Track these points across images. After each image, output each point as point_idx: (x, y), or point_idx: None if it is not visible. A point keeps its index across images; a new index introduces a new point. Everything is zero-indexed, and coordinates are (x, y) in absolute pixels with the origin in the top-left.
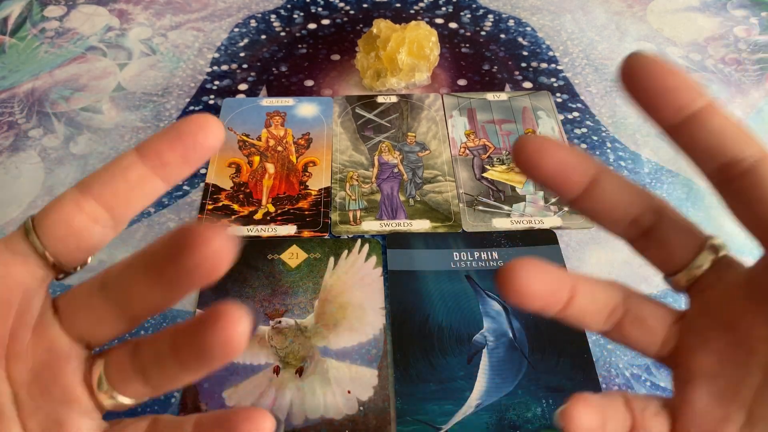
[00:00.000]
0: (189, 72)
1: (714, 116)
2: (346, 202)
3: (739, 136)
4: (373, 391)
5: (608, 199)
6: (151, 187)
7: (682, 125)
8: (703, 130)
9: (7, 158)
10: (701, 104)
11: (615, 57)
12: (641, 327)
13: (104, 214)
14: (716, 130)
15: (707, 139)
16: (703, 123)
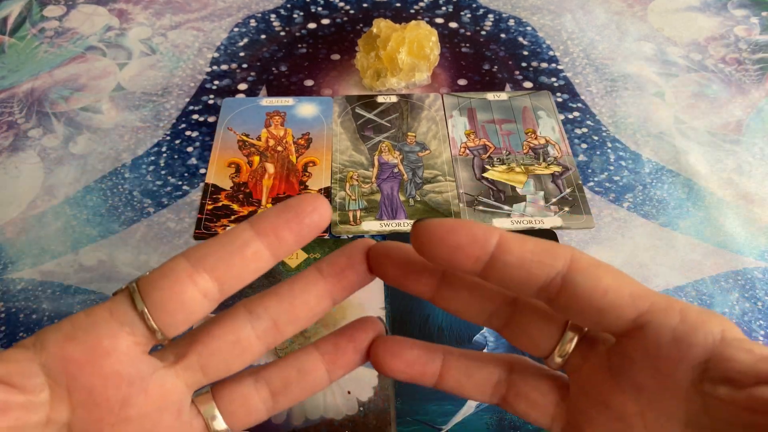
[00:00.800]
0: (189, 72)
1: (509, 251)
2: (346, 202)
3: (540, 258)
4: (373, 391)
5: (461, 298)
6: (263, 263)
7: (486, 271)
8: (506, 267)
9: (7, 158)
10: (491, 247)
11: (615, 57)
12: (528, 402)
13: (214, 289)
14: (517, 263)
15: (514, 274)
16: (503, 261)
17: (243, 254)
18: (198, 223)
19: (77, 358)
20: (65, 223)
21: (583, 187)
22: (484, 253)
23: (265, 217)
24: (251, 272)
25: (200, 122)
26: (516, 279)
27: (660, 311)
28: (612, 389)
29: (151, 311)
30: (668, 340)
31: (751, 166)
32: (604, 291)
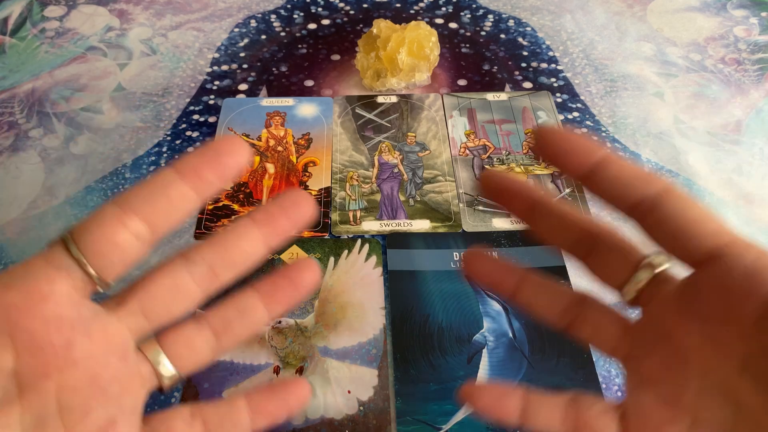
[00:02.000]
0: (189, 72)
1: (610, 165)
2: (346, 202)
3: (637, 178)
4: (373, 391)
5: (555, 214)
6: (189, 203)
7: (587, 177)
8: (605, 178)
9: (8, 158)
10: (596, 158)
11: (615, 57)
12: (594, 327)
13: (145, 230)
14: (615, 177)
15: (611, 186)
16: (604, 173)
17: (168, 194)
18: (198, 222)
19: (16, 303)
20: (66, 223)
21: (582, 187)
22: (591, 160)
23: (185, 159)
24: (179, 212)
25: (201, 122)
26: (614, 191)
27: (738, 247)
28: (677, 321)
29: (86, 256)
30: (741, 273)
31: (751, 166)
32: (692, 219)
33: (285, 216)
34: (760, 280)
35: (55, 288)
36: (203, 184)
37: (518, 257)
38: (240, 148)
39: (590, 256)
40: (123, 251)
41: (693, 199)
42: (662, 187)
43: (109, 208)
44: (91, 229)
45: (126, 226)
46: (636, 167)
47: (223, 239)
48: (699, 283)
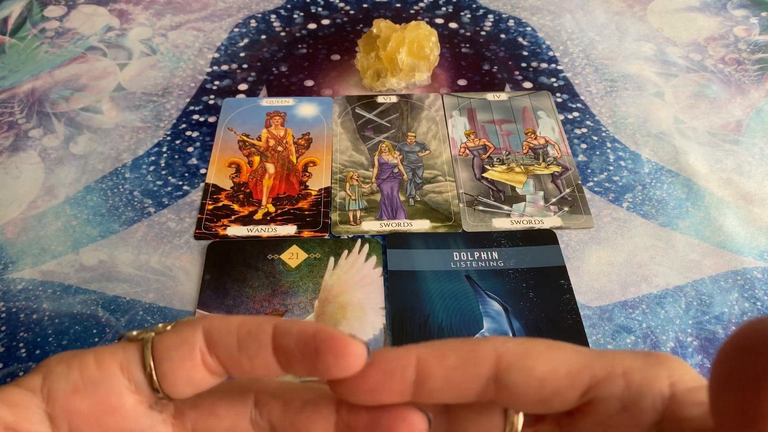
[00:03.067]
0: (189, 72)
1: (431, 374)
2: (346, 202)
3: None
4: None
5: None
6: (272, 372)
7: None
8: (435, 391)
9: (7, 158)
10: (412, 375)
11: (615, 57)
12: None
13: (222, 372)
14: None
15: (445, 394)
16: (428, 387)
17: (253, 362)
18: (198, 223)
19: (83, 411)
20: (66, 223)
21: (582, 187)
22: (407, 385)
23: (289, 335)
24: (258, 374)
25: (201, 122)
26: (449, 397)
27: (602, 382)
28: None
29: (159, 378)
30: (617, 410)
31: (751, 166)
32: (541, 381)
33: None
34: (637, 411)
35: (124, 402)
36: (291, 367)
37: (518, 257)
38: (345, 358)
39: (451, 428)
40: (196, 385)
41: (530, 353)
42: (491, 363)
43: (198, 338)
44: (172, 355)
45: (206, 364)
46: (455, 354)
47: (298, 410)
48: (578, 425)
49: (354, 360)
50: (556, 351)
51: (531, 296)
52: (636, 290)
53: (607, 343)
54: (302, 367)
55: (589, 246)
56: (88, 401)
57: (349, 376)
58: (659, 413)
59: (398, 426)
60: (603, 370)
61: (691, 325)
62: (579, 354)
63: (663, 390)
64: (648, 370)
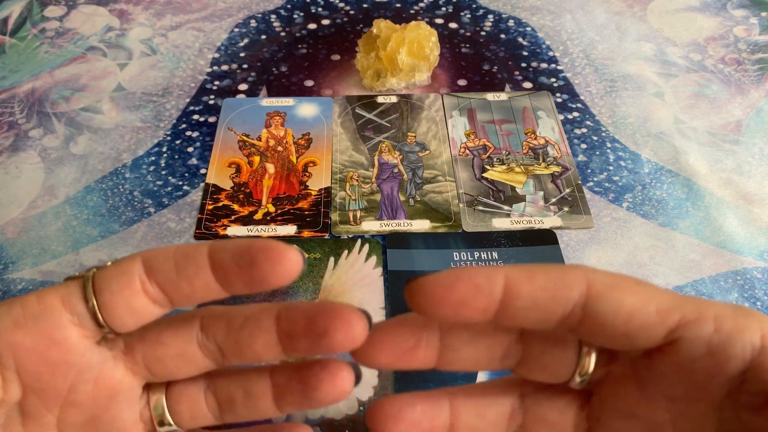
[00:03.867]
0: (189, 72)
1: (519, 295)
2: (346, 202)
3: (554, 293)
4: (373, 391)
5: (465, 354)
6: (214, 293)
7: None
8: (519, 311)
9: (7, 158)
10: (498, 294)
11: (615, 57)
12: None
13: (164, 300)
14: (530, 304)
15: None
16: (515, 307)
17: (192, 283)
18: (198, 223)
19: (26, 345)
20: (66, 223)
21: (582, 187)
22: (492, 302)
23: (224, 251)
24: (200, 299)
25: (201, 122)
26: (531, 319)
27: (692, 323)
28: (639, 400)
29: (101, 310)
30: (702, 353)
31: (751, 166)
32: (629, 314)
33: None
34: (723, 357)
35: (66, 335)
36: (230, 285)
37: (518, 257)
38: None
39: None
40: (138, 314)
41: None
42: (583, 288)
43: (137, 265)
44: (112, 284)
45: (146, 291)
46: (546, 277)
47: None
48: (658, 367)
49: (290, 266)
50: (646, 287)
51: None
52: None
53: None
54: (240, 281)
55: (589, 246)
56: (31, 335)
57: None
58: (746, 363)
59: (337, 325)
60: (693, 312)
61: None
62: (669, 294)
63: (754, 340)
64: (740, 319)
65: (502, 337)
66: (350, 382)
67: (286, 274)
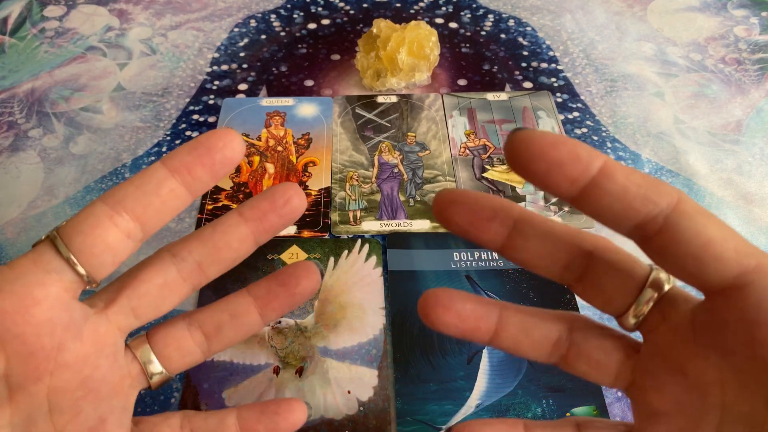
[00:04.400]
0: (189, 72)
1: (613, 178)
2: (346, 202)
3: (646, 192)
4: (373, 391)
5: (532, 247)
6: (180, 200)
7: (582, 196)
8: (606, 195)
9: (7, 158)
10: (594, 170)
11: (615, 57)
12: (589, 362)
13: (136, 228)
14: (619, 193)
15: (612, 205)
16: (604, 189)
17: (159, 193)
18: (198, 223)
19: (6, 308)
20: None
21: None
22: (586, 175)
23: (176, 155)
24: (170, 210)
25: (200, 122)
26: (614, 210)
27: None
28: (692, 353)
29: (76, 256)
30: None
31: (751, 166)
32: (708, 240)
33: (274, 211)
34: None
35: (46, 291)
36: (195, 181)
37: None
38: (232, 142)
39: (582, 280)
40: (114, 250)
41: (709, 215)
42: (673, 200)
43: (99, 206)
44: (81, 228)
45: (116, 224)
46: (642, 177)
47: (210, 235)
48: (720, 313)
49: (236, 139)
50: (733, 230)
51: (531, 296)
52: None
53: None
54: (202, 169)
55: None
56: (9, 298)
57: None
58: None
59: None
60: None
61: None
62: (751, 245)
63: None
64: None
65: (572, 245)
66: (318, 276)
67: (238, 145)
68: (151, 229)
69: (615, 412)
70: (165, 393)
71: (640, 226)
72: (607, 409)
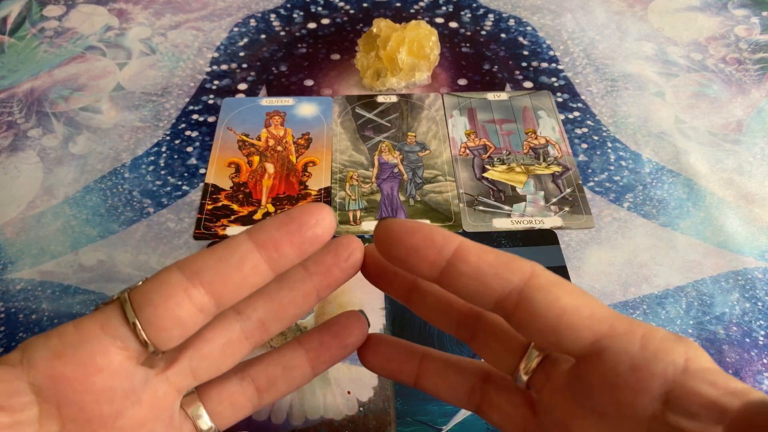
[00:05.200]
0: (188, 72)
1: (466, 260)
2: (346, 202)
3: (496, 270)
4: (373, 391)
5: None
6: (262, 277)
7: (442, 278)
8: (462, 276)
9: (6, 158)
10: (448, 254)
11: (616, 56)
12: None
13: (210, 303)
14: (473, 273)
15: (469, 284)
16: (459, 270)
17: (241, 269)
18: (198, 223)
19: (68, 375)
20: (65, 223)
21: (583, 187)
22: (441, 259)
23: (265, 229)
24: (249, 287)
25: (200, 122)
26: (471, 289)
27: (620, 336)
28: (574, 412)
29: (144, 326)
30: (626, 368)
31: (752, 166)
32: (562, 311)
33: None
34: (647, 374)
35: (110, 360)
36: (280, 258)
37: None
38: (324, 219)
39: (475, 339)
40: (184, 325)
41: (562, 285)
42: (525, 275)
43: (175, 274)
44: (153, 298)
45: (191, 297)
46: (495, 255)
47: (276, 291)
48: (586, 377)
49: (328, 216)
50: (588, 297)
51: None
52: (637, 290)
53: None
54: (291, 247)
55: (589, 246)
56: (72, 364)
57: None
58: (669, 382)
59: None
60: (623, 326)
61: (692, 326)
62: (607, 308)
63: (677, 361)
64: (667, 341)
65: (462, 307)
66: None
67: (330, 223)
68: (226, 304)
69: None
70: None
71: (499, 303)
72: None
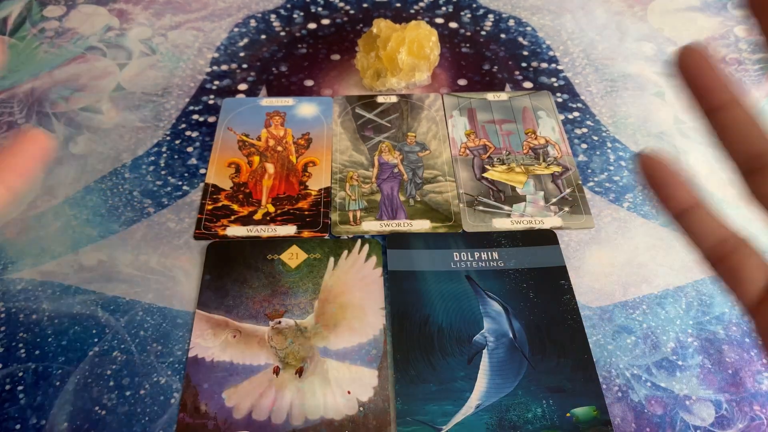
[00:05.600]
0: (189, 72)
1: (738, 110)
2: (346, 202)
3: (761, 132)
4: (373, 391)
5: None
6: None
7: (713, 113)
8: (731, 121)
9: None
10: (728, 98)
11: (616, 57)
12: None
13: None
14: (740, 124)
15: (733, 130)
16: (731, 115)
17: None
18: (198, 223)
19: None
20: (65, 223)
21: (583, 187)
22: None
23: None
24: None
25: (200, 122)
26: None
27: None
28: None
29: None
30: None
31: None
32: None
33: None
34: None
35: None
36: None
37: (518, 257)
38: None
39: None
40: None
41: None
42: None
43: None
44: None
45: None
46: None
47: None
48: None
49: None
50: None
51: (531, 296)
52: (636, 290)
53: (607, 343)
54: None
55: (589, 246)
56: None
57: None
58: None
59: None
60: None
61: (692, 326)
62: None
63: None
64: None
65: None
66: None
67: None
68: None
69: (615, 412)
70: (165, 393)
71: (750, 159)
72: (607, 409)
